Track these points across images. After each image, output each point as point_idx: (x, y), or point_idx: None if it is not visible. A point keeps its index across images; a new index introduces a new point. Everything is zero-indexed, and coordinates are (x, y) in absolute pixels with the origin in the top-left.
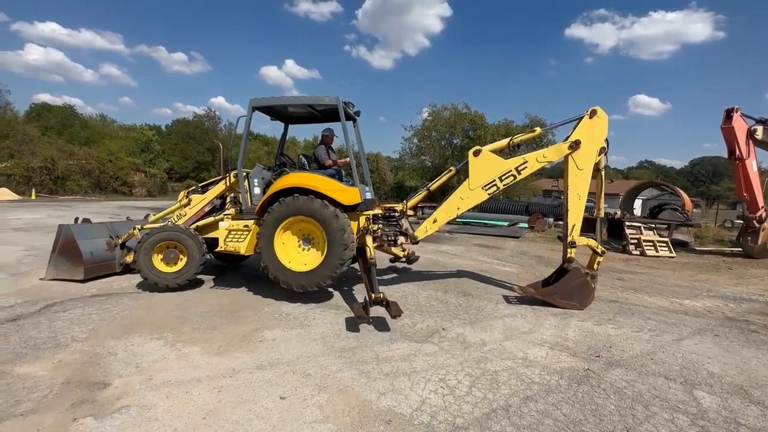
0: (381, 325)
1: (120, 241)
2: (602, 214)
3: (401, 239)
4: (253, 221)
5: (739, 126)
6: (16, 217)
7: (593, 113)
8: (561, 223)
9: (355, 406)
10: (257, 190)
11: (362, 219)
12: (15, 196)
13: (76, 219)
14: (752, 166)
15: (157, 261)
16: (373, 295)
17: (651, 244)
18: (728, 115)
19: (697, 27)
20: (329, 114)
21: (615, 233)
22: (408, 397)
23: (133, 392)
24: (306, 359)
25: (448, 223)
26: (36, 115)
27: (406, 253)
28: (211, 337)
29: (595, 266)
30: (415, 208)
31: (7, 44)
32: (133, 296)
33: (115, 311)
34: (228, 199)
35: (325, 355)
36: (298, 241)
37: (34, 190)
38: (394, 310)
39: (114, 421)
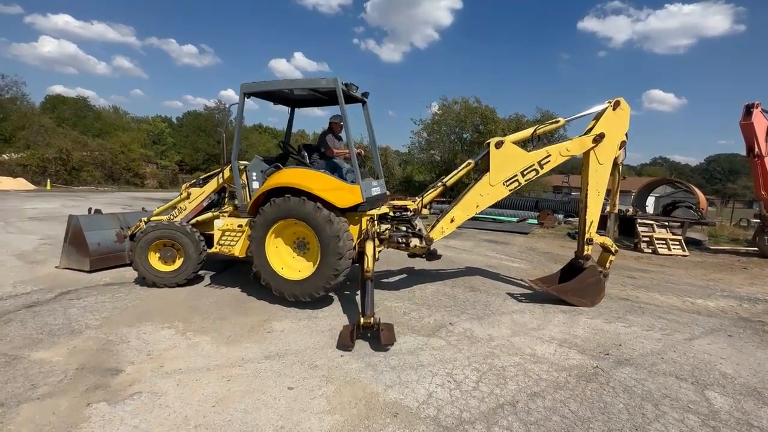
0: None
1: (129, 232)
2: (616, 210)
3: (414, 241)
4: (247, 221)
5: (759, 122)
6: (32, 207)
7: (617, 104)
8: (571, 219)
9: (361, 398)
10: (256, 185)
11: (364, 221)
12: (31, 186)
13: (90, 209)
14: None
15: (154, 260)
16: (362, 319)
17: (663, 242)
18: (748, 111)
19: (716, 20)
20: (335, 95)
21: (627, 231)
22: (415, 391)
23: (145, 379)
24: (313, 350)
25: None
26: (51, 107)
27: (426, 247)
28: (221, 327)
29: (607, 265)
30: (428, 205)
31: (21, 36)
32: (144, 286)
33: (128, 300)
34: (226, 194)
35: (332, 347)
36: (294, 246)
37: (49, 180)
38: (385, 338)
39: (126, 407)
